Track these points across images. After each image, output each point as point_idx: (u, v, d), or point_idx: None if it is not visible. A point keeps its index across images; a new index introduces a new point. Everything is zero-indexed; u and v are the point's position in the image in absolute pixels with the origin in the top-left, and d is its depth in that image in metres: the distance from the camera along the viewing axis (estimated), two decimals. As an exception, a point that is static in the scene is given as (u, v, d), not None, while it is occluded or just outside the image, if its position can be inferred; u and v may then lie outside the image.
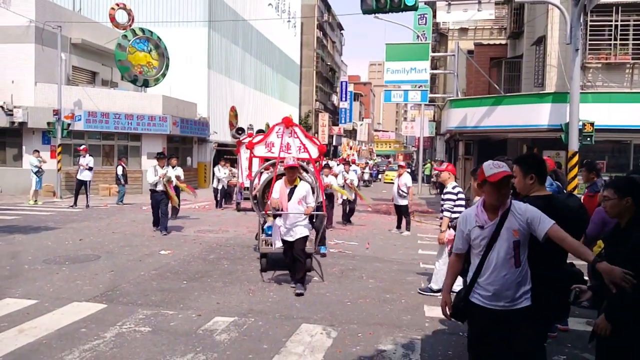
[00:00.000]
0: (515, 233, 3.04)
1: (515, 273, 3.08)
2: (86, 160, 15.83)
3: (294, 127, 7.75)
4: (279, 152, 7.63)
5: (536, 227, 3.00)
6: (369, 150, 74.71)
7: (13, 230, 10.71)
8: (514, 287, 3.09)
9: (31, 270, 7.44)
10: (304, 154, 7.71)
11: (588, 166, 6.54)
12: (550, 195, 3.42)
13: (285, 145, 7.65)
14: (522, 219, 3.04)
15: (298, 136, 7.66)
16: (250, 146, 7.77)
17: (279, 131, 7.70)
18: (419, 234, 12.32)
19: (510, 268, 3.07)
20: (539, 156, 3.67)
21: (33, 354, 4.42)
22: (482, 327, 3.21)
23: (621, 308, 2.91)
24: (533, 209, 3.05)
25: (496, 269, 3.10)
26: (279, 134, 7.66)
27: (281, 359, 4.49)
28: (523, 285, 3.10)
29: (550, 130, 13.30)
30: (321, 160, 8.12)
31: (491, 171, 3.07)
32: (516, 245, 3.06)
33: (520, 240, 3.06)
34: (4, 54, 18.70)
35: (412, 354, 4.69)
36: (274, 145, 7.72)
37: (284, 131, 7.67)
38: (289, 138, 7.66)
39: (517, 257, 3.06)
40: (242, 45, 33.78)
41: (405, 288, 7.07)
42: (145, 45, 21.66)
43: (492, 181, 3.05)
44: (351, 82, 73.95)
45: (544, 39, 14.98)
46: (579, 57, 11.31)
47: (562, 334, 5.21)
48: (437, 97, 29.99)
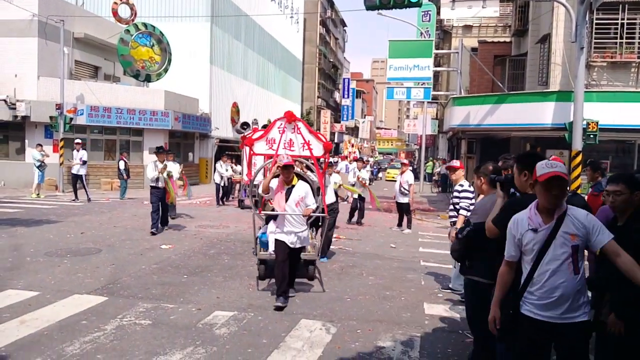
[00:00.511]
0: (572, 237, 2.82)
1: (574, 280, 2.84)
2: (79, 155, 15.88)
3: (297, 122, 7.12)
4: (280, 149, 7.05)
5: (593, 237, 2.81)
6: (371, 148, 74.64)
7: (15, 223, 10.73)
8: (572, 295, 2.84)
9: (33, 262, 7.45)
10: (308, 152, 7.10)
11: (593, 165, 6.51)
12: None
13: (287, 142, 7.05)
14: (580, 224, 2.83)
15: (301, 132, 7.02)
16: (250, 143, 7.16)
17: (280, 126, 7.07)
18: (420, 231, 12.31)
19: (570, 274, 2.83)
20: (536, 154, 3.64)
21: (34, 345, 4.43)
22: (532, 342, 2.94)
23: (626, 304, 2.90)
24: (593, 217, 2.86)
25: (552, 275, 2.85)
26: (280, 130, 7.05)
27: (280, 353, 4.49)
28: (582, 295, 2.85)
29: (553, 129, 13.26)
30: (327, 159, 7.40)
31: (542, 171, 2.87)
32: (575, 251, 2.82)
33: (579, 245, 2.83)
34: (7, 47, 18.72)
35: (411, 351, 4.69)
36: (275, 141, 7.10)
37: (286, 126, 7.04)
38: (291, 134, 7.04)
39: (575, 262, 2.83)
40: (245, 41, 33.73)
41: (405, 285, 7.06)
42: (148, 40, 21.64)
43: (541, 181, 2.85)
44: (353, 79, 73.81)
45: (549, 36, 14.92)
46: (584, 55, 11.24)
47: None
48: (440, 95, 29.91)
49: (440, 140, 35.42)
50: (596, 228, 2.81)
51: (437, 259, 8.85)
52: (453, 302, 6.27)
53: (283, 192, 6.08)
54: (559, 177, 2.82)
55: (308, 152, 7.04)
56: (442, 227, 13.41)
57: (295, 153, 6.99)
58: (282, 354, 4.47)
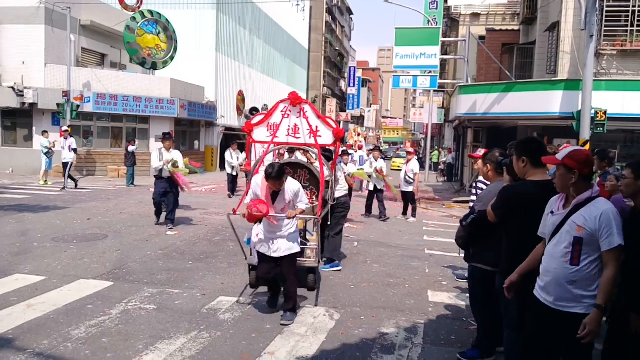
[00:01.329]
0: (578, 229, 2.79)
1: (567, 270, 2.83)
2: (68, 142, 15.54)
3: (303, 104, 6.24)
4: (283, 135, 6.25)
5: (601, 238, 2.76)
6: (377, 137, 74.39)
7: (23, 209, 10.83)
8: (564, 285, 2.84)
9: (40, 247, 7.52)
10: (318, 139, 6.22)
11: (600, 154, 6.44)
12: (544, 181, 3.27)
13: (292, 128, 6.22)
14: (591, 220, 2.78)
15: (308, 116, 6.19)
16: (249, 128, 6.30)
17: (284, 110, 6.22)
18: (424, 220, 12.30)
19: (564, 263, 2.84)
20: (535, 140, 3.61)
21: (41, 328, 4.49)
22: (539, 328, 2.99)
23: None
24: (610, 218, 2.75)
25: (548, 259, 2.93)
26: (284, 114, 6.22)
27: (284, 339, 4.52)
28: (581, 289, 2.80)
29: (561, 118, 13.13)
30: (337, 148, 6.47)
31: (559, 156, 2.92)
32: (577, 242, 2.80)
33: (583, 238, 2.78)
34: (15, 35, 18.77)
35: (415, 338, 4.71)
36: (278, 127, 6.25)
37: (290, 110, 6.19)
38: (296, 119, 6.19)
39: (574, 254, 2.80)
40: (250, 28, 33.56)
41: (410, 273, 7.07)
42: (154, 27, 21.58)
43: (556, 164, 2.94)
44: (360, 67, 73.32)
45: (558, 24, 14.72)
46: (594, 43, 11.11)
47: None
48: (447, 84, 29.66)
49: (446, 129, 35.22)
50: (605, 231, 2.73)
51: (441, 247, 8.85)
52: (457, 290, 6.28)
53: (269, 191, 5.02)
54: (564, 165, 2.87)
55: (317, 140, 6.21)
56: (447, 215, 13.39)
57: (300, 141, 6.28)
58: (285, 339, 4.50)
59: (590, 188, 2.88)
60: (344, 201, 7.37)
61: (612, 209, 2.79)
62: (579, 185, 2.87)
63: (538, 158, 3.28)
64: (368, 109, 79.10)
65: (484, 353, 4.16)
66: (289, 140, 6.26)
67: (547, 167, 3.59)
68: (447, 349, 4.48)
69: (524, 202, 3.28)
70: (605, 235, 2.73)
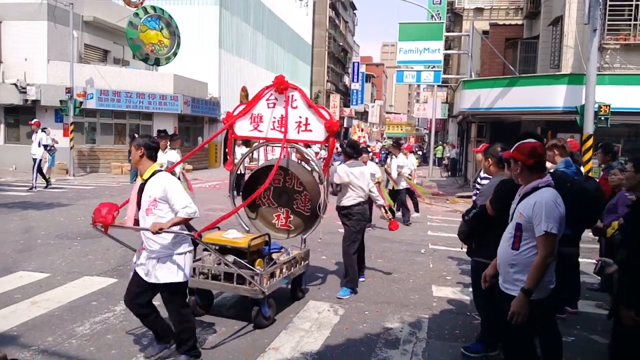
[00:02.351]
0: (519, 216, 3.01)
1: (510, 254, 3.05)
2: (38, 137, 14.23)
3: (291, 91, 5.14)
4: (269, 129, 5.23)
5: (534, 225, 2.93)
6: (380, 132, 74.28)
7: (27, 206, 10.86)
8: (506, 267, 3.06)
9: (44, 245, 7.55)
10: (307, 134, 5.13)
11: (604, 148, 6.41)
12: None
13: (278, 120, 5.17)
14: (529, 208, 2.96)
15: (296, 106, 5.13)
16: (230, 120, 5.36)
17: (270, 98, 5.20)
18: (428, 215, 12.28)
19: (508, 247, 3.07)
20: (534, 135, 3.61)
21: (45, 325, 4.51)
22: (500, 306, 3.16)
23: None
24: (543, 206, 2.90)
25: (500, 243, 3.16)
26: (270, 103, 5.20)
27: (288, 334, 4.53)
28: (519, 273, 2.98)
29: (565, 112, 13.08)
30: (331, 144, 5.21)
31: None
32: (518, 228, 3.01)
33: (522, 224, 2.99)
34: (18, 31, 18.76)
35: (419, 332, 4.71)
36: (262, 119, 5.23)
37: (277, 98, 5.17)
38: (283, 109, 5.14)
39: (516, 239, 3.02)
40: (254, 24, 33.49)
41: (414, 268, 7.07)
42: (157, 23, 21.56)
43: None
44: (363, 63, 73.13)
45: (561, 19, 14.63)
46: (597, 37, 11.05)
47: (571, 316, 5.18)
48: (451, 79, 29.56)
49: (450, 124, 35.12)
50: (537, 218, 2.90)
51: (445, 242, 8.84)
52: (461, 285, 6.27)
53: (136, 190, 3.85)
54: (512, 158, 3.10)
55: (308, 134, 5.16)
56: (450, 210, 13.37)
57: (289, 136, 5.17)
58: (290, 335, 4.51)
59: (538, 178, 3.02)
60: (358, 211, 5.79)
61: (547, 197, 2.91)
62: (524, 175, 3.06)
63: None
64: (372, 104, 78.92)
65: (488, 347, 4.16)
66: (275, 135, 5.25)
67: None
68: (451, 344, 4.48)
69: None
70: (536, 222, 2.90)
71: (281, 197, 5.67)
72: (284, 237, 5.62)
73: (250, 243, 4.59)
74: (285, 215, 5.67)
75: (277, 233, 5.62)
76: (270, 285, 4.62)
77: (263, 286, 4.47)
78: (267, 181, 4.91)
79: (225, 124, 5.42)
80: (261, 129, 5.29)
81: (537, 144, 3.08)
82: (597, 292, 5.92)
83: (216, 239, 4.78)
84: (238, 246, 4.65)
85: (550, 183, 3.04)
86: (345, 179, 5.71)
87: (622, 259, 3.07)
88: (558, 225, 2.88)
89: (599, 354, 4.32)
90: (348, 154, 5.93)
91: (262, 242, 4.86)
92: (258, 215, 5.77)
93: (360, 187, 5.77)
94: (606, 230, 4.65)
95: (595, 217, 4.58)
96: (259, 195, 5.49)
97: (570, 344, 4.47)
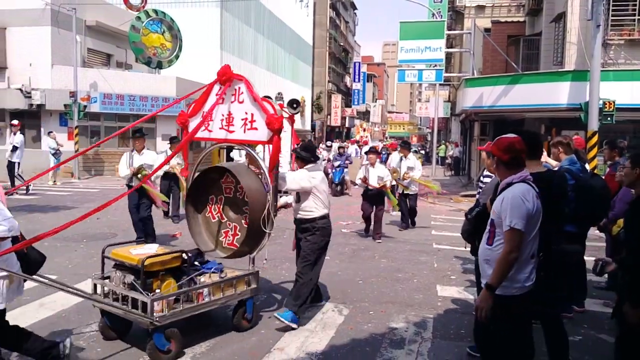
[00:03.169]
0: (493, 212, 3.02)
1: (485, 249, 3.07)
2: (17, 139, 13.44)
3: (237, 82, 4.46)
4: (217, 129, 4.59)
5: (502, 220, 2.92)
6: (382, 132, 74.19)
7: (33, 209, 10.93)
8: (483, 263, 3.07)
9: (50, 247, 7.57)
10: (253, 133, 4.35)
11: (610, 144, 6.39)
12: (538, 173, 3.32)
13: (225, 118, 4.52)
14: (498, 204, 2.96)
15: (244, 100, 4.40)
16: (183, 121, 4.76)
17: (219, 92, 4.55)
18: (432, 214, 12.27)
19: (484, 243, 3.09)
20: (530, 133, 3.63)
21: (53, 326, 4.55)
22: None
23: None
24: (509, 201, 2.89)
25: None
26: (219, 98, 4.54)
27: (293, 335, 4.54)
28: (491, 269, 2.96)
29: (569, 109, 13.02)
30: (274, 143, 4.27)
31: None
32: (492, 224, 3.03)
33: (494, 220, 2.99)
34: (22, 37, 18.87)
35: (424, 332, 4.71)
36: (211, 117, 4.58)
37: (225, 92, 4.51)
38: (232, 103, 4.49)
39: (490, 234, 3.03)
40: (255, 26, 33.54)
41: (418, 268, 7.07)
42: (159, 26, 21.64)
43: None
44: (364, 62, 73.15)
45: (564, 15, 14.59)
46: (601, 33, 11.01)
47: (578, 314, 5.17)
48: (453, 77, 29.48)
49: (452, 123, 35.06)
50: (504, 214, 2.90)
51: (449, 241, 8.83)
52: (466, 284, 6.27)
53: None
54: (490, 152, 3.13)
55: (254, 134, 4.36)
56: (454, 210, 13.35)
57: (235, 136, 4.49)
58: (295, 335, 4.52)
59: (512, 174, 2.99)
60: (323, 225, 4.90)
61: (515, 194, 2.88)
62: (500, 171, 3.06)
63: (532, 150, 3.35)
64: (373, 104, 78.87)
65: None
66: (223, 135, 4.57)
67: (541, 159, 3.65)
68: (456, 343, 4.48)
69: None
70: (503, 218, 2.90)
71: (231, 210, 4.79)
72: (223, 256, 4.70)
73: (143, 261, 3.88)
74: (233, 231, 4.76)
75: (222, 252, 4.76)
76: (174, 313, 3.95)
77: (153, 315, 3.80)
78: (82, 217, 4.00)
79: (180, 124, 4.82)
80: (211, 128, 4.62)
81: (516, 140, 3.03)
82: (604, 290, 5.90)
83: (119, 255, 4.20)
84: (133, 264, 4.03)
85: (527, 178, 2.98)
86: (307, 184, 4.79)
87: (622, 258, 3.07)
88: (524, 222, 2.84)
89: (607, 353, 4.31)
90: (304, 158, 4.92)
91: (169, 259, 4.13)
92: (206, 230, 4.89)
93: (325, 196, 4.94)
94: (611, 228, 4.64)
95: (601, 214, 4.57)
96: (208, 207, 4.84)
97: (577, 342, 4.46)
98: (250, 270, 4.63)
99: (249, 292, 4.59)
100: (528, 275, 2.96)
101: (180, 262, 4.24)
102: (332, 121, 56.52)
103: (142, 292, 3.85)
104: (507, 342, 3.01)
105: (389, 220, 11.22)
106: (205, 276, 4.41)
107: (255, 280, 4.65)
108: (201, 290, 4.21)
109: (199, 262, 4.62)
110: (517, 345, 3.08)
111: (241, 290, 4.52)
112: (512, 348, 3.05)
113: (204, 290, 4.23)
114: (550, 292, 3.27)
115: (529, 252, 2.94)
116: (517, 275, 2.91)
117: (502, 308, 2.90)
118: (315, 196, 4.85)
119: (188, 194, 4.89)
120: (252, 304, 4.65)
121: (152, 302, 3.79)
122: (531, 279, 2.98)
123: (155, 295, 3.86)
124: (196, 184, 4.88)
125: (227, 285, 4.43)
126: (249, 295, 4.58)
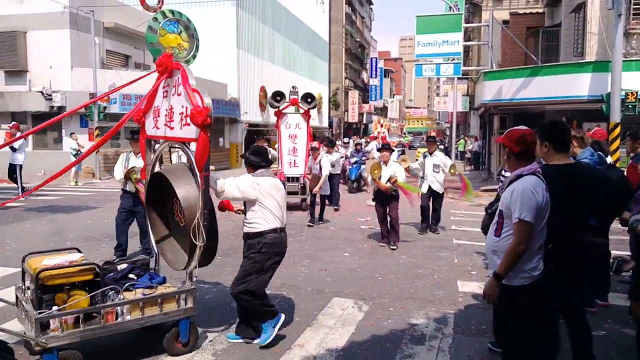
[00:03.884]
0: (501, 203, 3.02)
1: (492, 240, 3.05)
2: (19, 142, 12.66)
3: (176, 72, 4.21)
4: (161, 125, 4.23)
5: (512, 212, 2.90)
6: (400, 127, 73.77)
7: (56, 210, 11.16)
8: (490, 254, 3.08)
9: (73, 246, 7.73)
10: (186, 129, 3.87)
11: (633, 135, 6.23)
12: (564, 165, 3.25)
13: (168, 113, 4.15)
14: (508, 195, 2.94)
15: (181, 92, 4.04)
16: (139, 116, 4.47)
17: (165, 86, 4.30)
18: (451, 210, 12.16)
19: (492, 234, 3.07)
20: (559, 124, 3.53)
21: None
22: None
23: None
24: (519, 193, 2.87)
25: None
26: (164, 92, 4.29)
27: (313, 330, 4.55)
28: (499, 260, 2.94)
29: (590, 101, 12.79)
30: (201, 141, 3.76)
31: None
32: (500, 215, 3.01)
33: (503, 211, 2.98)
34: (42, 40, 19.26)
35: (445, 328, 4.68)
36: (159, 113, 4.26)
37: (168, 84, 4.27)
38: (172, 96, 4.15)
39: (498, 226, 3.01)
40: (271, 23, 33.61)
41: (438, 264, 7.01)
42: (175, 26, 21.46)
43: None
44: (381, 58, 72.76)
45: (584, 5, 14.29)
46: (622, 22, 10.76)
47: (602, 309, 5.08)
48: (471, 70, 29.14)
49: (471, 117, 34.66)
50: (513, 205, 2.88)
51: (470, 236, 8.75)
52: (487, 280, 6.20)
53: None
54: (503, 144, 3.08)
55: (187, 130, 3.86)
56: (474, 205, 13.20)
57: (173, 134, 4.06)
58: (315, 331, 4.53)
59: (522, 166, 2.97)
60: (271, 240, 4.20)
61: (525, 186, 2.86)
62: (511, 163, 3.05)
63: (561, 143, 3.28)
64: (391, 99, 78.52)
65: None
66: (165, 133, 4.16)
67: (569, 151, 3.56)
68: (478, 339, 4.44)
69: None
70: (513, 209, 2.88)
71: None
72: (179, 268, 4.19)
73: (38, 273, 3.52)
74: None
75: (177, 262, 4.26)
76: (71, 334, 3.50)
77: (40, 335, 3.39)
78: None
79: (137, 122, 4.51)
80: (159, 125, 4.20)
81: (527, 132, 3.02)
82: (628, 284, 5.77)
83: (29, 264, 3.87)
84: (33, 274, 3.62)
85: (536, 171, 2.96)
86: (249, 191, 4.12)
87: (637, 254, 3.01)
88: (534, 214, 2.82)
89: (631, 347, 4.22)
90: (253, 164, 4.29)
91: (76, 272, 3.74)
92: (175, 237, 4.42)
93: (276, 207, 4.20)
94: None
95: (621, 206, 4.47)
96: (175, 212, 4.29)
97: (601, 337, 4.38)
98: (183, 287, 4.04)
99: (182, 312, 3.97)
100: (536, 265, 2.96)
101: (93, 275, 3.77)
102: (350, 118, 56.39)
103: (33, 307, 3.53)
104: (520, 334, 3.00)
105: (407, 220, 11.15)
106: (134, 292, 3.89)
107: (190, 298, 4.01)
108: (111, 309, 3.66)
109: (136, 275, 4.15)
110: (536, 338, 3.04)
111: (169, 310, 3.92)
112: (531, 341, 3.02)
113: (117, 309, 3.69)
114: (559, 287, 3.20)
115: (537, 243, 2.94)
116: (524, 265, 2.92)
117: (509, 298, 2.93)
118: (261, 206, 4.14)
119: (147, 199, 4.45)
120: (186, 325, 4.00)
121: (37, 321, 3.38)
122: (539, 268, 2.97)
123: (43, 313, 3.43)
124: (153, 187, 4.38)
125: (150, 304, 3.83)
126: (181, 315, 3.96)
